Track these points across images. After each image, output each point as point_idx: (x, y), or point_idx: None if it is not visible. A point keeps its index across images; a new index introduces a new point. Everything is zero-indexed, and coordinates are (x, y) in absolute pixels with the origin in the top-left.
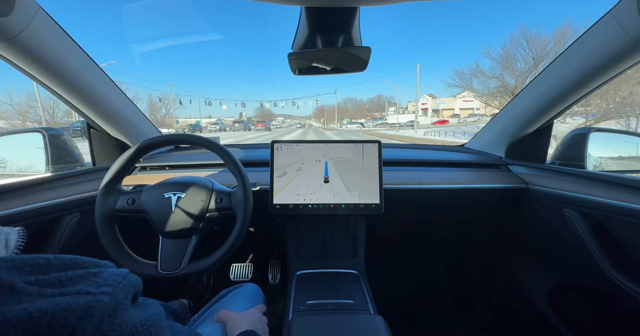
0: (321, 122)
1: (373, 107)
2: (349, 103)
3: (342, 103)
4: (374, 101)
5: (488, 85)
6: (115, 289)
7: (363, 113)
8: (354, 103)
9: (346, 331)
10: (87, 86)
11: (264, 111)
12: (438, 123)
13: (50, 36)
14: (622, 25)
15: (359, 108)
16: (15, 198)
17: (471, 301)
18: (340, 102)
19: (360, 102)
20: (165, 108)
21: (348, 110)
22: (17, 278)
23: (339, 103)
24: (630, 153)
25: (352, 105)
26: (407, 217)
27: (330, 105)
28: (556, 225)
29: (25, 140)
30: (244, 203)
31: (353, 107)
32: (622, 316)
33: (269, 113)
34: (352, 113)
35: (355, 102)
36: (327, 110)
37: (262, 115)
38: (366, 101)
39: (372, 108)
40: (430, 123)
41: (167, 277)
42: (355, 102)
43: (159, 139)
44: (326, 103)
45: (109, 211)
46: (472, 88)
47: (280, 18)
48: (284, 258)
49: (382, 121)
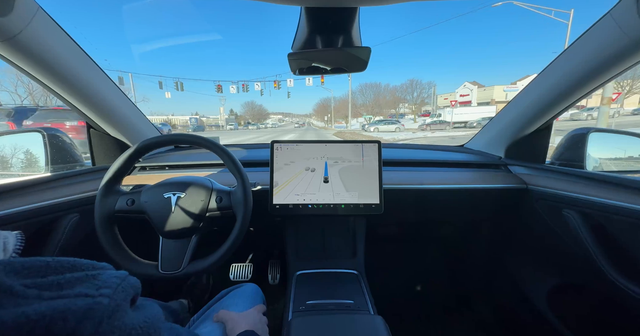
0: (325, 120)
1: (400, 99)
2: (367, 91)
3: (357, 91)
4: (404, 89)
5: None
6: (114, 291)
7: (392, 104)
8: (375, 91)
9: (346, 331)
10: (86, 86)
11: (254, 108)
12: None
13: (49, 36)
14: (621, 26)
15: (379, 101)
16: (15, 198)
17: (471, 301)
18: (356, 90)
19: (384, 90)
20: None
21: (365, 106)
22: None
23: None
24: (630, 154)
25: (369, 95)
26: (407, 217)
27: (339, 97)
28: (556, 226)
29: (25, 140)
30: (244, 203)
31: (370, 99)
32: (621, 317)
33: (260, 111)
34: (370, 108)
35: (377, 90)
36: (339, 102)
37: (253, 113)
38: (393, 89)
39: (397, 101)
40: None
41: (168, 277)
42: (377, 90)
43: (159, 139)
44: (334, 95)
45: (109, 212)
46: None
47: (281, 18)
48: (284, 258)
49: (436, 119)
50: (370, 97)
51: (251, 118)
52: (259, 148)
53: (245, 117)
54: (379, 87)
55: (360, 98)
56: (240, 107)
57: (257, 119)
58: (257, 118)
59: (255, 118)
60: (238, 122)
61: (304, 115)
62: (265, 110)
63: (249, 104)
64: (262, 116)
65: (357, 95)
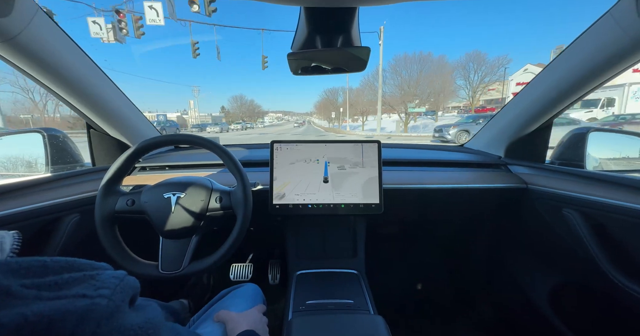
0: (332, 118)
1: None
2: (410, 65)
3: (388, 70)
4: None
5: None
6: (113, 292)
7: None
8: (421, 66)
9: (346, 331)
10: (86, 86)
11: (242, 104)
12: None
13: (49, 36)
14: (621, 25)
15: (433, 81)
16: (15, 199)
17: (471, 301)
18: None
19: (437, 64)
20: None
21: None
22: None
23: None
24: (629, 153)
25: (413, 71)
26: (407, 217)
27: (355, 87)
28: (556, 225)
29: (25, 140)
30: (244, 202)
31: (413, 78)
32: (622, 316)
33: (251, 107)
34: (411, 95)
35: (425, 64)
36: (353, 94)
37: (242, 110)
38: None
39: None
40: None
41: (168, 277)
42: (425, 64)
43: (158, 139)
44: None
45: (109, 212)
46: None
47: (281, 17)
48: (284, 258)
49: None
50: (413, 76)
51: (241, 116)
52: (259, 148)
53: (236, 115)
54: (429, 60)
55: (391, 81)
56: (228, 102)
57: (249, 117)
58: (249, 116)
59: (247, 116)
60: (229, 121)
61: (305, 113)
62: (257, 107)
63: (237, 99)
64: (254, 114)
65: (388, 77)
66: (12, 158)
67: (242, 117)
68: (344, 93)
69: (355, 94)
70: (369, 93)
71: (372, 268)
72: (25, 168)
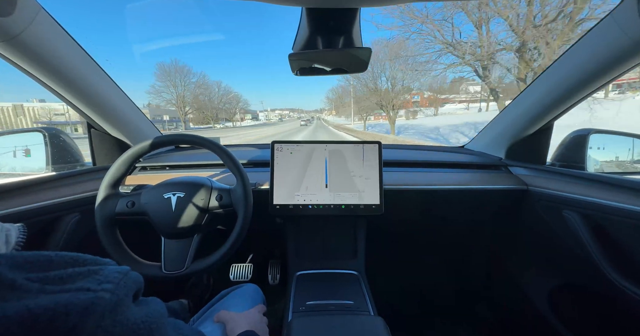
0: (345, 115)
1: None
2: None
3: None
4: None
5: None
6: (117, 286)
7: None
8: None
9: (346, 332)
10: (88, 86)
11: (210, 92)
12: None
13: (51, 36)
14: (622, 27)
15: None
16: (16, 198)
17: (471, 303)
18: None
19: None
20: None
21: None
22: (18, 275)
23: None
24: (630, 155)
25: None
26: (408, 218)
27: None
28: (556, 227)
29: (26, 139)
30: (244, 199)
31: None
32: (622, 318)
33: (241, 102)
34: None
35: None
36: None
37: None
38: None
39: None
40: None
41: (172, 277)
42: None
43: (159, 139)
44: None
45: (110, 215)
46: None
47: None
48: (284, 258)
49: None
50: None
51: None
52: (259, 149)
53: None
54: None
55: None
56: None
57: (225, 113)
58: (225, 112)
59: (223, 112)
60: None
61: (314, 110)
62: (239, 96)
63: (200, 85)
64: (230, 108)
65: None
66: (13, 157)
67: (208, 116)
68: (354, 90)
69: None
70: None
71: (373, 269)
72: (26, 167)
